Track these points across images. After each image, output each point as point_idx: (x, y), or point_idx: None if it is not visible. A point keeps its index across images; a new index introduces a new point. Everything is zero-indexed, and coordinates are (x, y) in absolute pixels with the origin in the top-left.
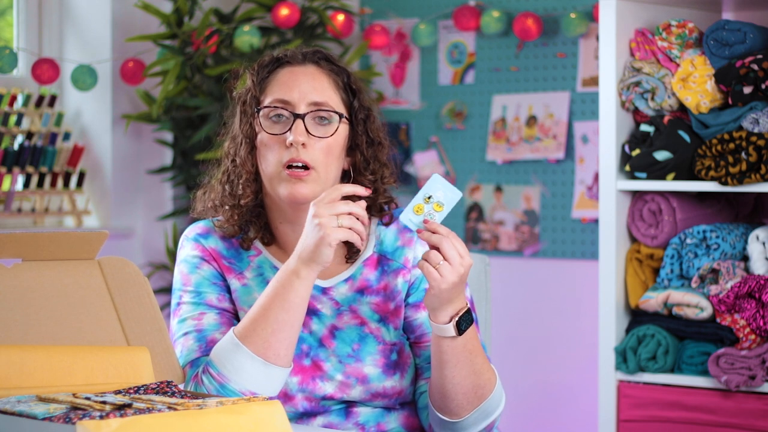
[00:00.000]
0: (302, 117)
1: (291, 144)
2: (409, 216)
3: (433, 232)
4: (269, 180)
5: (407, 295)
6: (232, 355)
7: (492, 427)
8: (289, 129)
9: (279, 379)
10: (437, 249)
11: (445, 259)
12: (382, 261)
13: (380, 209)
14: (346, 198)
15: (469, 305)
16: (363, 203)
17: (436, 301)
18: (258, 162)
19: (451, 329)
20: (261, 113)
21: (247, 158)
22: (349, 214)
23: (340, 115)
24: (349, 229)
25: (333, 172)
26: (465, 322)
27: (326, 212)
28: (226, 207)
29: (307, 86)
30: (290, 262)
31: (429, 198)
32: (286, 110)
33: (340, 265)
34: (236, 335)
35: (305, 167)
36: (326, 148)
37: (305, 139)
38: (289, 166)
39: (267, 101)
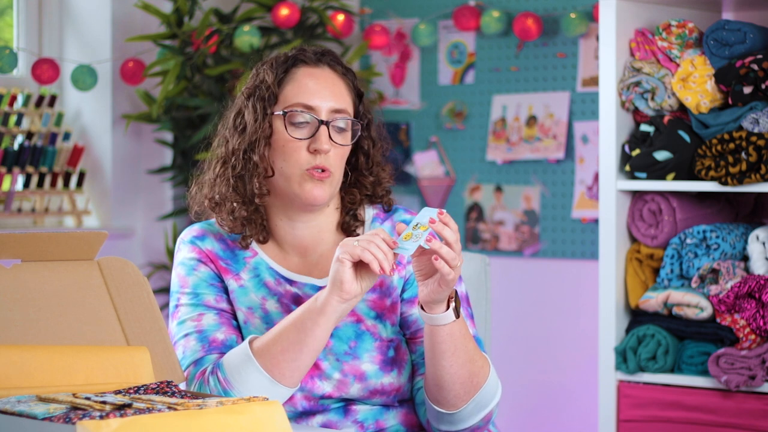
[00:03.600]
0: (327, 124)
1: (316, 150)
2: (404, 246)
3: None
4: (287, 180)
5: (402, 291)
6: (241, 365)
7: (489, 420)
8: (313, 135)
9: (282, 397)
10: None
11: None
12: None
13: (380, 198)
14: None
15: (455, 291)
16: (385, 234)
17: (447, 291)
18: (271, 160)
19: (451, 314)
20: (287, 116)
21: (266, 156)
22: (369, 241)
23: (361, 124)
24: (366, 250)
25: (342, 174)
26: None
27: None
28: (234, 204)
29: (327, 92)
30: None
31: (416, 225)
32: (310, 115)
33: None
34: (251, 347)
35: (324, 171)
36: (342, 153)
37: (329, 147)
38: (311, 169)
39: (288, 103)
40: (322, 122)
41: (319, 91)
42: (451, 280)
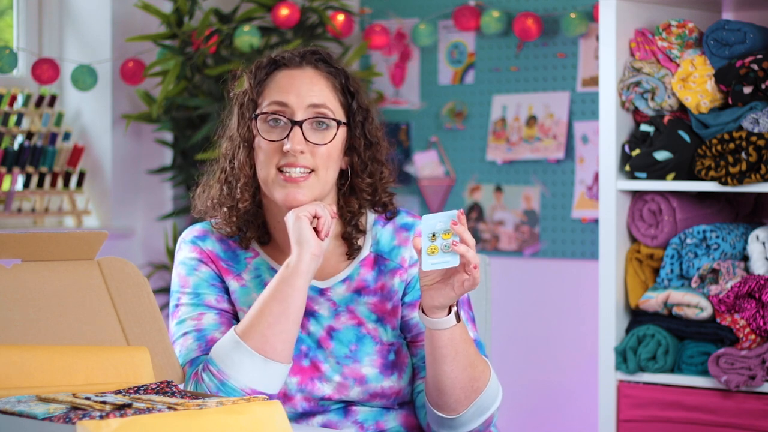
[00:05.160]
0: (300, 124)
1: (288, 151)
2: (431, 261)
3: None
4: (266, 184)
5: (404, 295)
6: (232, 352)
7: (490, 423)
8: (287, 136)
9: (278, 375)
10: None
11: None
12: (379, 261)
13: (383, 206)
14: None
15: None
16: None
17: (459, 296)
18: (255, 164)
19: (452, 318)
20: (259, 118)
21: (245, 162)
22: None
23: (338, 122)
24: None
25: (331, 174)
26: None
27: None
28: (224, 208)
29: (305, 90)
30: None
31: (434, 235)
32: (284, 116)
33: (338, 264)
34: (236, 332)
35: (302, 172)
36: (325, 152)
37: (303, 147)
38: (285, 170)
39: (265, 105)
40: (294, 123)
41: (295, 90)
42: (474, 284)
